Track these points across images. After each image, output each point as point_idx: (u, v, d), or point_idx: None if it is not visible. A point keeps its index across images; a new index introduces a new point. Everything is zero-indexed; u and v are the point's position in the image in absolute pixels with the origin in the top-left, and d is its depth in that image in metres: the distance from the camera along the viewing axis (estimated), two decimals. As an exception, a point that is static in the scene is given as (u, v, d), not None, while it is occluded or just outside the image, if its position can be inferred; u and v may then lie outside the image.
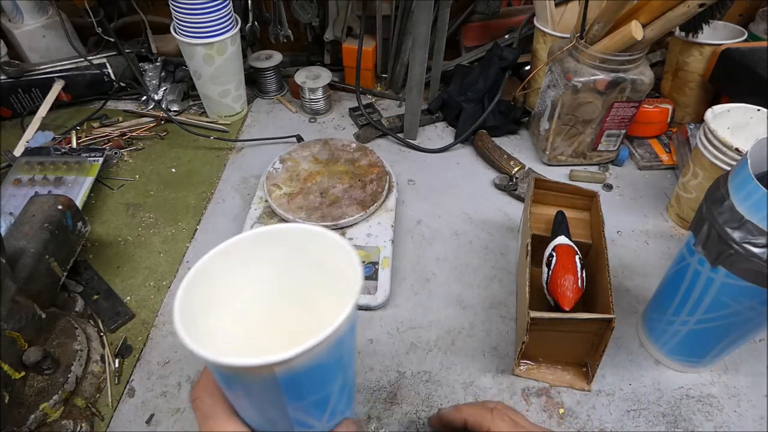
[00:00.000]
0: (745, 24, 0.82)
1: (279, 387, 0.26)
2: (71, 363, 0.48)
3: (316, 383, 0.28)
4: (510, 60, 0.79)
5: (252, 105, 0.91)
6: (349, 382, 0.33)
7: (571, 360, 0.51)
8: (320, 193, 0.66)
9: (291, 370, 0.25)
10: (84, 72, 0.85)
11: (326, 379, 0.29)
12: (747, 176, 0.38)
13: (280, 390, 0.26)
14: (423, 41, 0.69)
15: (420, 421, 0.48)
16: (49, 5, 0.86)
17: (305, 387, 0.27)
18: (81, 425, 0.46)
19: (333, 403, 0.31)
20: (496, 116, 0.81)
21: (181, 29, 0.74)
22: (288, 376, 0.25)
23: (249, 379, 0.26)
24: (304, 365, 0.25)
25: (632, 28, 0.60)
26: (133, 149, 0.80)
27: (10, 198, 0.65)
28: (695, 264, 0.44)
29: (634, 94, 0.67)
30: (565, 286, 0.48)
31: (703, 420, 0.48)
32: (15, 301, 0.45)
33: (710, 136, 0.58)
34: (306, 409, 0.29)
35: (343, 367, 0.30)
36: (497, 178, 0.75)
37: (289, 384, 0.26)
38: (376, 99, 0.92)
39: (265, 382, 0.25)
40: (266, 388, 0.26)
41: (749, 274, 0.39)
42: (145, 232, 0.67)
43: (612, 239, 0.66)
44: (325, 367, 0.28)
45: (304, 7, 0.87)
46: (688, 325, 0.47)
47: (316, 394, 0.29)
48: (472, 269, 0.62)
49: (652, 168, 0.77)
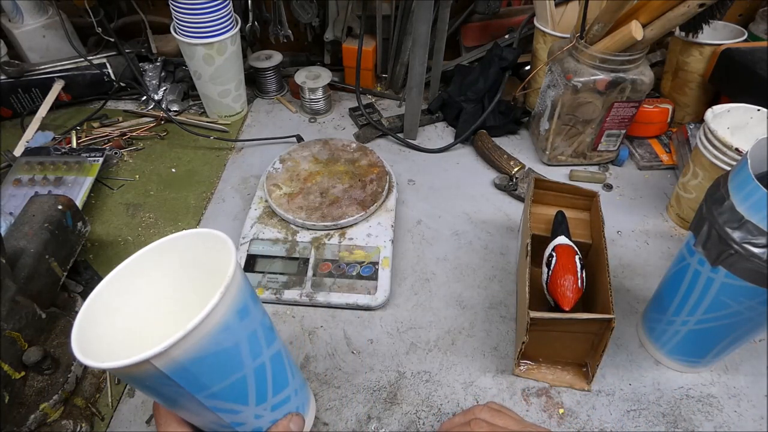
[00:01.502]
0: (745, 24, 0.82)
1: (173, 380, 0.28)
2: (71, 363, 0.48)
3: (215, 372, 0.30)
4: (510, 60, 0.79)
5: (252, 105, 0.91)
6: (277, 365, 0.35)
7: (571, 360, 0.51)
8: (320, 193, 0.66)
9: (176, 363, 0.28)
10: (84, 72, 0.85)
11: (226, 366, 0.31)
12: (747, 176, 0.38)
13: (177, 383, 0.28)
14: (423, 41, 0.69)
15: (420, 421, 0.48)
16: (49, 5, 0.86)
17: (203, 377, 0.30)
18: (81, 425, 0.46)
19: (255, 388, 0.33)
20: (496, 116, 0.81)
21: (181, 29, 0.74)
22: (177, 369, 0.28)
23: (145, 379, 0.28)
24: (189, 357, 0.28)
25: (632, 28, 0.60)
26: (133, 149, 0.80)
27: (10, 198, 0.65)
28: (695, 264, 0.44)
29: (634, 94, 0.67)
30: (565, 286, 0.48)
31: (703, 420, 0.48)
32: (15, 301, 0.45)
33: (710, 136, 0.58)
34: (220, 396, 0.31)
35: (252, 353, 0.32)
36: (497, 178, 0.75)
37: (183, 376, 0.29)
38: (376, 99, 0.92)
39: (157, 377, 0.28)
40: (164, 383, 0.29)
41: (749, 274, 0.39)
42: (145, 232, 0.67)
43: (612, 239, 0.66)
44: (217, 355, 0.30)
45: (304, 7, 0.87)
46: (688, 325, 0.47)
47: (221, 382, 0.31)
48: (472, 269, 0.62)
49: (652, 168, 0.77)
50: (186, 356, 0.28)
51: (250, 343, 0.32)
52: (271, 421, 0.35)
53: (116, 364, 0.27)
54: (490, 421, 0.39)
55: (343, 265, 0.59)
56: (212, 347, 0.29)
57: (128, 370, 0.27)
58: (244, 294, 0.32)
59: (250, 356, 0.32)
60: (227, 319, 0.30)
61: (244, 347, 0.32)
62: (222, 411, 0.32)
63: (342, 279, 0.58)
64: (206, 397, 0.31)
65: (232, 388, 0.32)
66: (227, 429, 0.34)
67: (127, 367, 0.27)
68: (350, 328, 0.56)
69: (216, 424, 0.34)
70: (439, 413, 0.48)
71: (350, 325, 0.56)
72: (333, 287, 0.57)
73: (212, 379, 0.30)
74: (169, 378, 0.28)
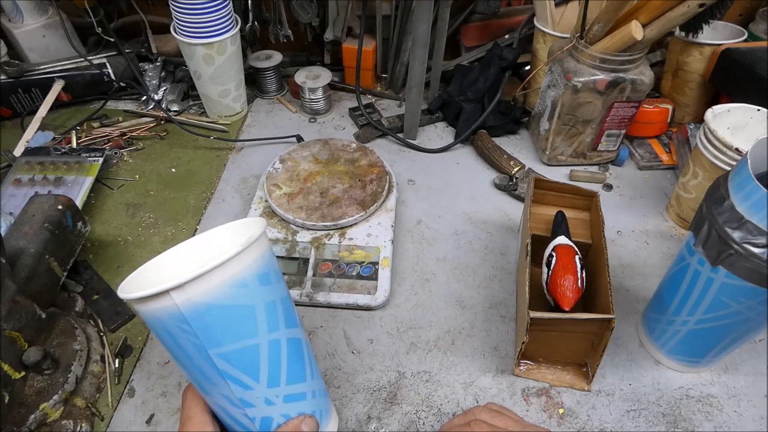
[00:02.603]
0: (745, 24, 0.82)
1: (190, 326, 0.31)
2: (71, 363, 0.48)
3: (229, 327, 0.32)
4: (510, 60, 0.79)
5: (252, 105, 0.91)
6: (294, 352, 0.36)
7: (571, 360, 0.51)
8: (320, 193, 0.66)
9: (194, 305, 0.30)
10: (84, 72, 0.85)
11: (240, 325, 0.32)
12: (747, 176, 0.38)
13: (193, 331, 0.31)
14: (423, 41, 0.69)
15: (420, 421, 0.48)
16: (49, 5, 0.86)
17: (217, 329, 0.32)
18: (81, 425, 0.46)
19: (268, 365, 0.34)
20: (496, 116, 0.81)
21: (181, 29, 0.74)
22: (194, 313, 0.31)
23: (165, 320, 0.31)
24: (206, 301, 0.31)
25: (632, 28, 0.60)
26: (133, 149, 0.80)
27: (10, 198, 0.65)
28: (695, 264, 0.44)
29: (634, 94, 0.67)
30: (565, 286, 0.48)
31: (703, 420, 0.48)
32: (15, 301, 0.45)
33: (710, 136, 0.58)
34: (232, 360, 0.32)
35: (268, 323, 0.34)
36: (497, 178, 0.75)
37: (199, 324, 0.31)
38: (376, 99, 0.92)
39: (177, 318, 0.31)
40: (182, 330, 0.31)
41: (749, 274, 0.39)
42: (145, 232, 0.67)
43: (612, 239, 0.66)
44: (233, 309, 0.32)
45: (304, 7, 0.87)
46: (688, 325, 0.47)
47: (234, 342, 0.32)
48: (472, 269, 0.62)
49: (652, 168, 0.77)
50: (203, 299, 0.30)
51: (267, 312, 0.34)
52: (282, 414, 0.35)
53: (140, 294, 0.30)
54: (490, 422, 0.39)
55: (343, 265, 0.59)
56: (228, 299, 0.31)
57: (151, 305, 0.30)
58: (266, 263, 0.34)
59: (266, 325, 0.34)
60: (246, 276, 0.32)
61: (260, 314, 0.33)
62: (233, 380, 0.33)
63: (342, 279, 0.58)
64: (219, 356, 0.32)
65: (245, 353, 0.33)
66: (238, 410, 0.34)
67: (149, 297, 0.30)
68: (350, 328, 0.56)
69: (228, 401, 0.34)
70: (439, 413, 0.48)
71: (350, 325, 0.56)
72: (333, 287, 0.57)
73: (225, 335, 0.32)
74: (187, 322, 0.31)
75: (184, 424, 0.36)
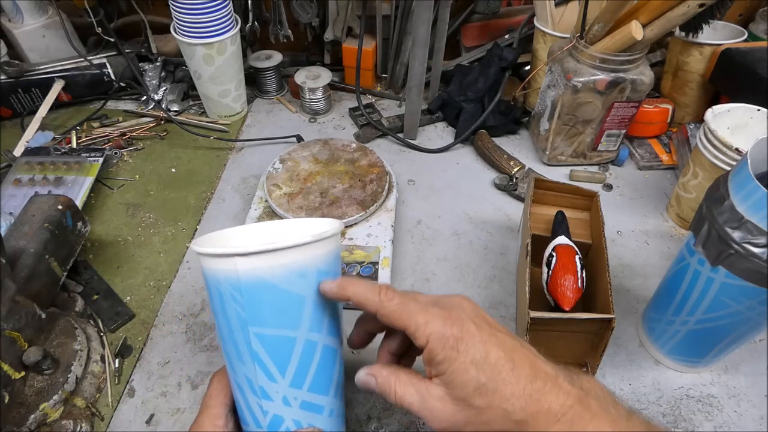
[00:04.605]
0: (745, 24, 0.82)
1: (241, 294, 0.32)
2: (71, 363, 0.48)
3: (275, 310, 0.32)
4: (510, 60, 0.79)
5: (252, 105, 0.91)
6: (325, 360, 0.36)
7: (571, 360, 0.51)
8: (320, 193, 0.66)
9: (253, 277, 0.32)
10: (84, 72, 0.85)
11: (286, 312, 0.33)
12: (747, 176, 0.38)
13: (242, 300, 0.32)
14: (423, 41, 0.69)
15: (420, 421, 0.48)
16: (49, 5, 0.86)
17: (264, 307, 0.32)
18: (81, 425, 0.46)
19: (298, 362, 0.34)
20: (496, 116, 0.81)
21: (181, 29, 0.74)
22: (250, 285, 0.32)
23: (222, 285, 0.32)
24: (265, 276, 0.32)
25: (632, 28, 0.60)
26: (133, 149, 0.80)
27: (10, 198, 0.65)
28: (695, 264, 0.44)
29: (634, 94, 0.67)
30: (565, 286, 0.48)
31: (703, 420, 0.48)
32: (15, 301, 0.45)
33: (710, 136, 0.58)
34: (265, 344, 0.33)
35: (311, 320, 0.34)
36: (497, 178, 0.75)
37: (250, 297, 0.32)
38: (376, 99, 0.92)
39: (233, 285, 0.32)
40: (233, 299, 0.32)
41: (749, 274, 0.39)
42: (145, 232, 0.67)
43: (612, 239, 0.66)
44: (285, 294, 0.32)
45: (304, 7, 0.87)
46: (688, 325, 0.47)
47: (275, 326, 0.33)
48: (472, 269, 0.62)
49: (652, 168, 0.77)
50: (262, 273, 0.32)
51: (314, 310, 0.34)
52: (293, 419, 0.34)
53: (210, 250, 0.32)
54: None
55: (343, 265, 0.59)
56: (284, 282, 0.32)
57: (215, 264, 0.32)
58: (330, 262, 0.35)
59: (308, 323, 0.34)
60: (307, 266, 0.33)
61: (307, 309, 0.34)
62: (261, 365, 0.33)
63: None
64: (256, 336, 0.33)
65: (280, 342, 0.33)
66: (255, 398, 0.34)
67: (218, 255, 0.32)
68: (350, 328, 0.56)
69: (249, 385, 0.34)
70: (439, 413, 0.48)
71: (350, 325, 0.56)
72: (333, 287, 0.57)
73: (270, 317, 0.33)
74: (240, 291, 0.32)
75: (201, 411, 0.36)
